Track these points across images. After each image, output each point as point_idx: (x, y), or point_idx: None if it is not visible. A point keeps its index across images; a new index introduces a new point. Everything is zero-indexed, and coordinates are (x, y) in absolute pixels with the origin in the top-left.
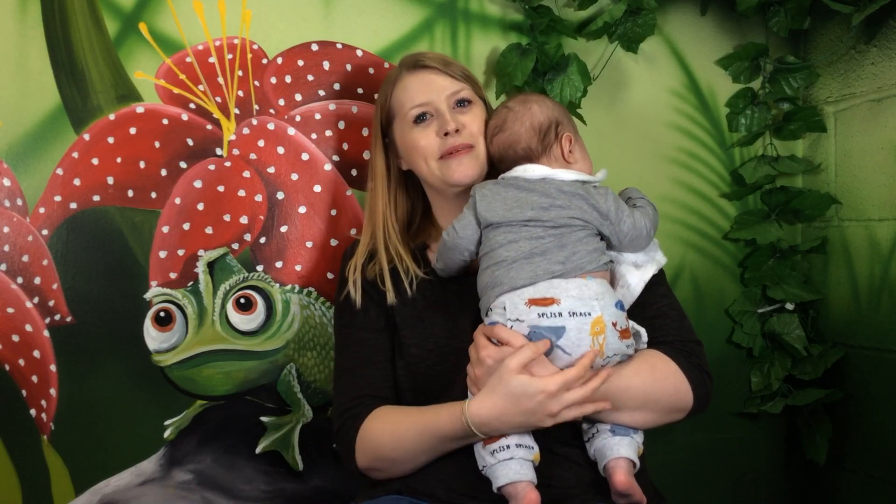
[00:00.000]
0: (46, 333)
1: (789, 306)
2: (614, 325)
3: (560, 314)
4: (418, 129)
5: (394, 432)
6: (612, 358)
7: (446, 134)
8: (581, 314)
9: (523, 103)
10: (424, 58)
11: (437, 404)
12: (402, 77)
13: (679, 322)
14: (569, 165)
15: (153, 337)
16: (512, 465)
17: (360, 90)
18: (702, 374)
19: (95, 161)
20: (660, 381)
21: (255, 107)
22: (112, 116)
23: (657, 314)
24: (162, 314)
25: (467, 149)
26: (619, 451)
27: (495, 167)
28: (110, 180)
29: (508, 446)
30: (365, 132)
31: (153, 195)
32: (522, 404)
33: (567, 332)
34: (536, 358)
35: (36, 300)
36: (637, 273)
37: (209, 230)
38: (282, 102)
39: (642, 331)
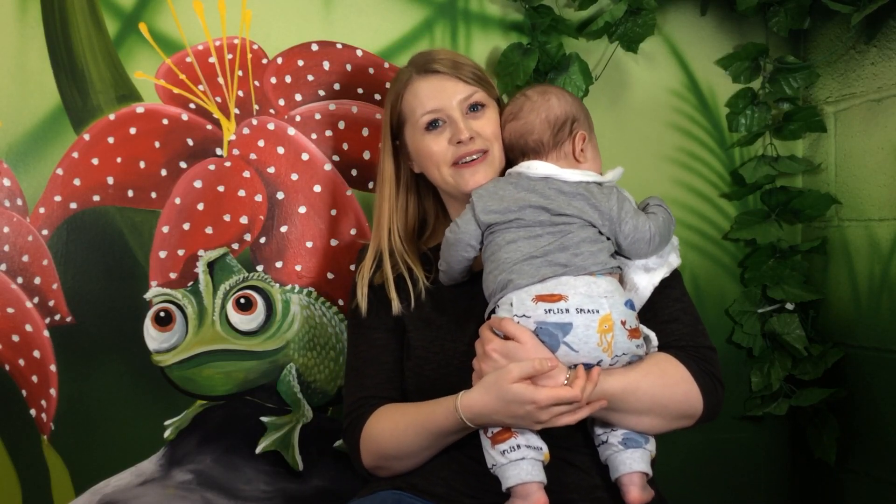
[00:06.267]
0: (46, 333)
1: (789, 306)
2: (623, 323)
3: (567, 310)
4: (430, 135)
5: (393, 430)
6: (622, 357)
7: (459, 142)
8: (589, 311)
9: (542, 94)
10: (435, 61)
11: (434, 399)
12: (413, 81)
13: (692, 327)
14: (578, 165)
15: (153, 337)
16: (524, 465)
17: (360, 90)
18: (713, 382)
19: (95, 161)
20: (669, 386)
21: (255, 107)
22: (112, 116)
23: (670, 318)
24: (162, 314)
25: (482, 156)
26: (631, 466)
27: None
28: (110, 180)
29: (519, 446)
30: (365, 132)
31: (153, 195)
32: (512, 409)
33: (574, 328)
34: (540, 374)
35: (36, 300)
36: (646, 276)
37: (209, 230)
38: (282, 102)
39: (652, 335)
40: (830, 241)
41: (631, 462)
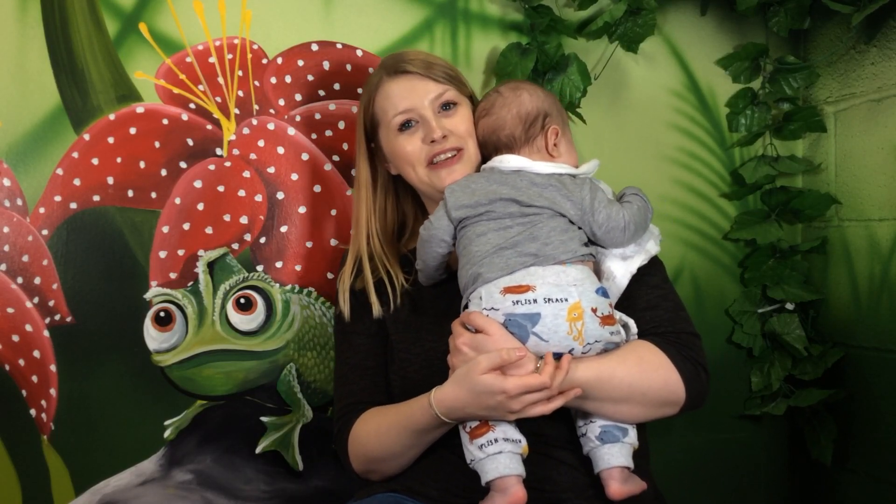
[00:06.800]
0: (46, 333)
1: (789, 306)
2: (594, 310)
3: (535, 300)
4: (404, 136)
5: (377, 432)
6: (594, 345)
7: (433, 141)
8: (557, 300)
9: (514, 90)
10: (405, 62)
11: (412, 398)
12: (384, 82)
13: (673, 313)
14: (552, 159)
15: (153, 337)
16: (501, 458)
17: (360, 90)
18: (695, 368)
19: (95, 161)
20: (647, 373)
21: (255, 107)
22: (112, 116)
23: (648, 306)
24: (162, 314)
25: (457, 154)
26: (609, 461)
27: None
28: (110, 180)
29: (496, 440)
30: None
31: (153, 195)
32: (483, 401)
33: (542, 318)
34: (508, 364)
35: (36, 300)
36: (623, 265)
37: (209, 230)
38: (282, 102)
39: (631, 322)
40: (830, 241)
41: (609, 457)
